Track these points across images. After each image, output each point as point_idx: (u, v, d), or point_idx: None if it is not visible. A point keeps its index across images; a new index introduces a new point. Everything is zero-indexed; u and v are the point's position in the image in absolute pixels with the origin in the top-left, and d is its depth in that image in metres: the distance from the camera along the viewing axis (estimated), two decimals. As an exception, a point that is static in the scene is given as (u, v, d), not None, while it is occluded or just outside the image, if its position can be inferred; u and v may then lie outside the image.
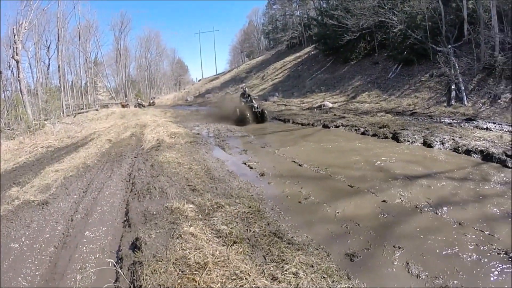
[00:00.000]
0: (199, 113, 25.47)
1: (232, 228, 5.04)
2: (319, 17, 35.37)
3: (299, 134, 13.84)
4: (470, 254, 4.96)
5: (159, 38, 69.36)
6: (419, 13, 21.02)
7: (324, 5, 36.86)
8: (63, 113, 29.20)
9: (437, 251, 5.01)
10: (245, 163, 9.26)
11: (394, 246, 5.00)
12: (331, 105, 21.06)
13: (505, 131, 11.87)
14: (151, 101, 48.34)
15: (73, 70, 46.13)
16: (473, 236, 5.43)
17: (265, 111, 17.76)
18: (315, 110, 20.89)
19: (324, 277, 4.00)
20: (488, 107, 14.74)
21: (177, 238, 4.72)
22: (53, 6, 37.15)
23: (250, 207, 5.96)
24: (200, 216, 5.52)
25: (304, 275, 3.96)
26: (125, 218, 6.00)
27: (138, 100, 47.95)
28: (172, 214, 5.61)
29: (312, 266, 4.19)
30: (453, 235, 5.46)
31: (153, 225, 5.28)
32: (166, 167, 8.62)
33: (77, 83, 46.63)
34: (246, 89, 17.58)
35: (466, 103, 15.53)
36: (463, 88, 16.26)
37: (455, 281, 4.32)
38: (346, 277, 4.15)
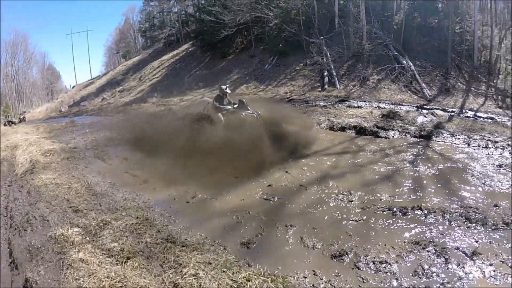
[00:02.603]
0: (75, 124, 23.56)
1: (123, 243, 4.80)
2: (197, 14, 35.19)
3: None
4: (358, 217, 5.57)
5: (27, 41, 60.92)
6: (293, 8, 22.58)
7: (202, 1, 36.78)
8: None
9: (328, 220, 5.50)
10: (127, 172, 8.73)
11: (286, 226, 5.32)
12: (210, 100, 20.95)
13: (374, 107, 13.38)
14: (21, 117, 42.49)
15: None
16: (357, 202, 6.08)
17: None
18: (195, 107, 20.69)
19: (224, 271, 4.08)
20: (358, 88, 16.53)
21: (67, 268, 4.33)
22: None
23: (137, 217, 5.74)
24: (87, 238, 5.11)
25: (204, 274, 3.99)
26: (10, 260, 5.27)
27: (8, 117, 42.27)
28: (57, 243, 5.06)
29: (210, 263, 4.23)
30: (339, 204, 6.04)
31: (40, 261, 4.71)
32: (43, 191, 7.68)
33: None
34: (228, 91, 10.93)
35: (338, 86, 17.18)
36: (335, 73, 17.99)
37: (349, 243, 4.81)
38: (247, 265, 4.29)
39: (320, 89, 17.59)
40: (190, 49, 36.38)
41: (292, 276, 4.16)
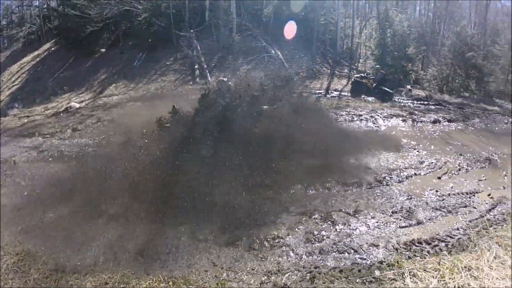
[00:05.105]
0: None
1: (9, 288, 4.14)
2: (61, 7, 32.22)
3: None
4: (244, 201, 5.87)
5: None
6: (163, 1, 22.20)
7: (66, -7, 33.83)
8: None
9: (215, 210, 5.65)
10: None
11: (175, 224, 5.35)
12: (78, 105, 18.69)
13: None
14: None
15: None
16: (240, 187, 6.26)
17: None
18: (61, 114, 18.62)
19: (123, 287, 3.98)
20: (230, 79, 16.77)
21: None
22: None
23: (18, 253, 4.96)
24: (-32, 294, 4.32)
25: (102, 297, 3.77)
26: None
27: None
28: None
29: (107, 283, 4.06)
30: (222, 192, 6.11)
31: None
32: None
33: None
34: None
35: (210, 78, 17.50)
36: (205, 66, 18.47)
37: (239, 229, 5.14)
38: (145, 275, 4.21)
39: (191, 83, 17.82)
40: (53, 48, 32.93)
41: (193, 273, 4.24)
